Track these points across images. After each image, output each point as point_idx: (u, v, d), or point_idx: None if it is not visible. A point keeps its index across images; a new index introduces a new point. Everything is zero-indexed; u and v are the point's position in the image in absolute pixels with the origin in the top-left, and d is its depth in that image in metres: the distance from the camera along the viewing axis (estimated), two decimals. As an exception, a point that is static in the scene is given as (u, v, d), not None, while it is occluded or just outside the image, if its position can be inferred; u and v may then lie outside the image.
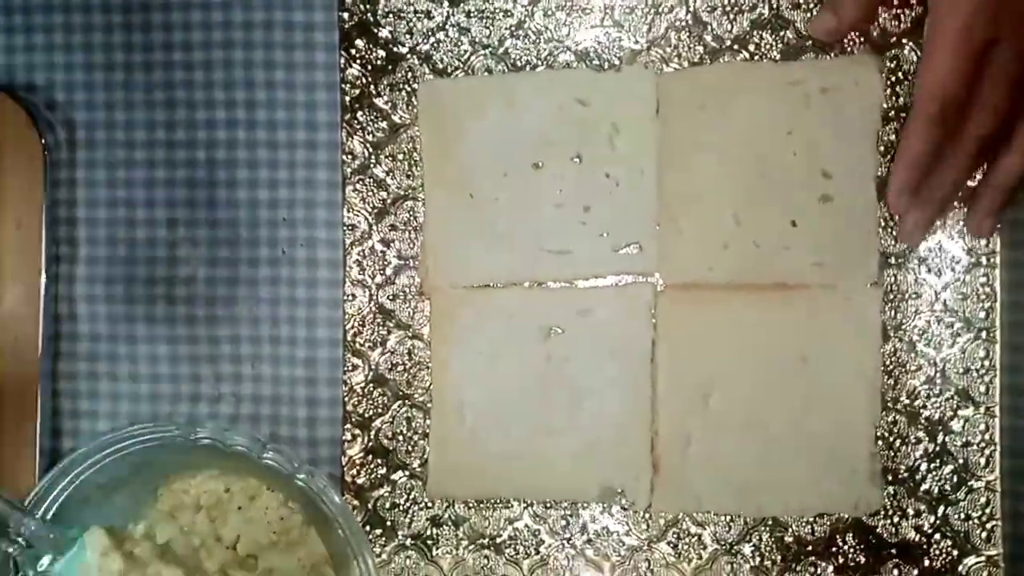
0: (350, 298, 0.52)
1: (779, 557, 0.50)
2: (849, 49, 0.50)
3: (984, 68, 0.44)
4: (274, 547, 0.49)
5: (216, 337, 0.54)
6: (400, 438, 0.52)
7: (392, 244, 0.52)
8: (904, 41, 0.50)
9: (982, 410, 0.50)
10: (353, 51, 0.51)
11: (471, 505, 0.52)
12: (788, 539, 0.51)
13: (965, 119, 0.45)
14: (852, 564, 0.50)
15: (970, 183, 0.49)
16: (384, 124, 0.52)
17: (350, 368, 0.52)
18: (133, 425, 0.48)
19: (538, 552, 0.52)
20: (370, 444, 0.52)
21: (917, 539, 0.50)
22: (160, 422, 0.48)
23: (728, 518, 0.51)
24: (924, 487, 0.50)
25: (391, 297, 0.52)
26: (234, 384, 0.54)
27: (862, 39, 0.50)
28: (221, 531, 0.49)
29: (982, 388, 0.50)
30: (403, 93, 0.52)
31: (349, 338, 0.52)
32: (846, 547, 0.50)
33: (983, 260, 0.50)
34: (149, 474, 0.50)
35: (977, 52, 0.43)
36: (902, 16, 0.50)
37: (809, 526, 0.50)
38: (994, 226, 0.49)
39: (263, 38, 0.53)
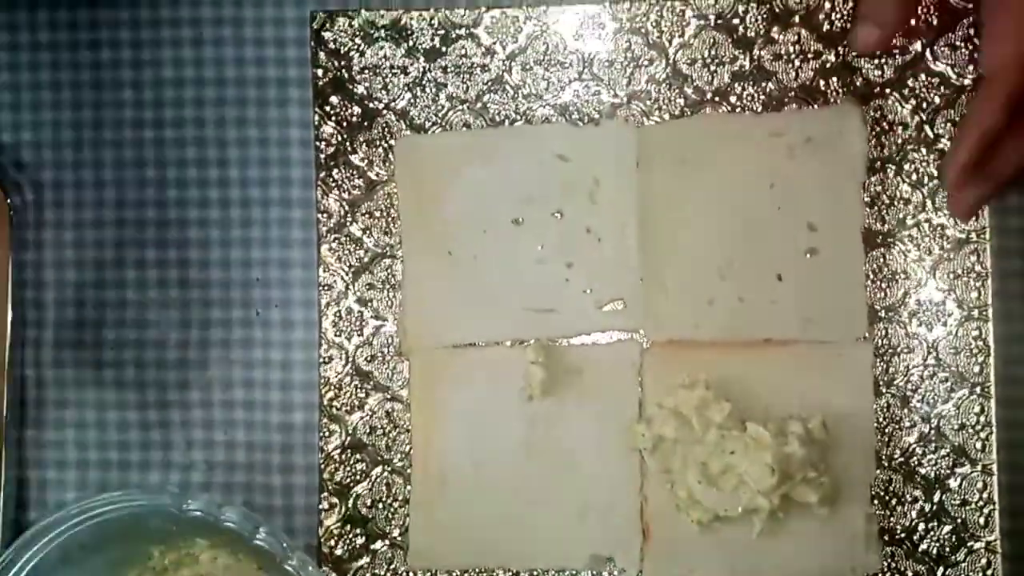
0: (326, 360, 0.50)
1: (774, 624, 0.49)
2: (832, 99, 0.49)
3: None
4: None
5: (188, 402, 0.52)
6: (380, 505, 0.50)
7: (369, 304, 0.51)
8: (887, 91, 0.49)
9: (979, 468, 0.48)
10: (328, 108, 0.50)
11: (454, 575, 0.50)
12: (783, 604, 0.49)
13: None
14: (850, 630, 0.48)
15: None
16: (360, 181, 0.51)
17: (326, 433, 0.50)
18: (125, 490, 0.46)
19: (524, 621, 0.50)
20: (348, 512, 0.50)
21: (916, 603, 0.48)
22: (152, 489, 0.46)
23: (721, 583, 0.49)
24: (922, 548, 0.48)
25: (369, 358, 0.50)
26: (206, 451, 0.52)
27: (845, 89, 0.49)
28: None
29: (978, 445, 0.48)
30: (380, 149, 0.51)
31: (325, 402, 0.50)
32: (843, 612, 0.48)
33: (975, 313, 0.48)
34: (135, 539, 0.48)
35: None
36: (884, 67, 0.49)
37: (805, 590, 0.49)
38: (975, 213, 0.47)
39: (236, 94, 0.52)
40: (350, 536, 0.50)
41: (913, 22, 0.48)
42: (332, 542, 0.50)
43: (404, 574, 0.50)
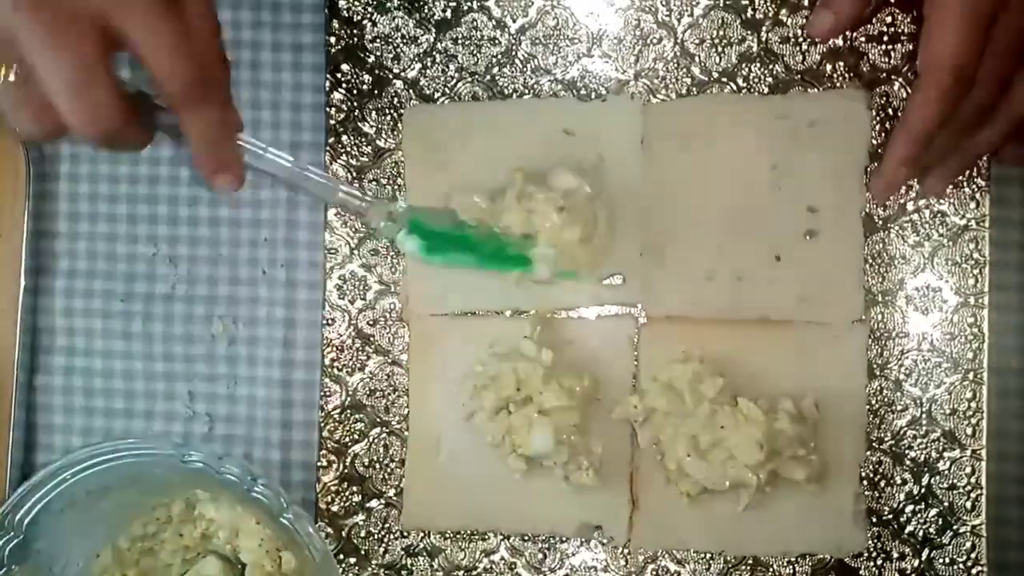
0: (329, 322, 0.51)
1: (758, 598, 0.49)
2: (838, 83, 0.50)
3: (989, 38, 0.42)
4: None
5: (192, 355, 0.53)
6: (376, 465, 0.51)
7: (373, 269, 0.52)
8: (893, 77, 0.49)
9: (968, 453, 0.49)
10: (339, 75, 0.51)
11: (447, 536, 0.51)
12: (768, 580, 0.49)
13: (968, 90, 0.43)
14: (833, 607, 0.49)
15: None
16: (368, 148, 0.52)
17: (327, 393, 0.51)
18: (128, 438, 0.48)
19: (513, 586, 0.50)
20: (345, 471, 0.51)
21: (900, 584, 0.49)
22: (155, 438, 0.47)
23: (708, 556, 0.50)
24: (908, 529, 0.49)
25: (371, 322, 0.51)
26: (208, 403, 0.53)
27: (851, 73, 0.50)
28: None
29: (968, 430, 0.49)
30: (388, 118, 0.51)
31: (327, 363, 0.51)
32: (827, 590, 0.49)
33: (971, 300, 0.49)
34: (139, 488, 0.50)
35: (984, 22, 0.41)
36: (892, 52, 0.49)
37: (791, 566, 0.49)
38: (946, 189, 0.48)
39: (251, 57, 0.53)
40: (346, 493, 0.51)
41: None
42: (328, 498, 0.51)
43: (398, 533, 0.51)
